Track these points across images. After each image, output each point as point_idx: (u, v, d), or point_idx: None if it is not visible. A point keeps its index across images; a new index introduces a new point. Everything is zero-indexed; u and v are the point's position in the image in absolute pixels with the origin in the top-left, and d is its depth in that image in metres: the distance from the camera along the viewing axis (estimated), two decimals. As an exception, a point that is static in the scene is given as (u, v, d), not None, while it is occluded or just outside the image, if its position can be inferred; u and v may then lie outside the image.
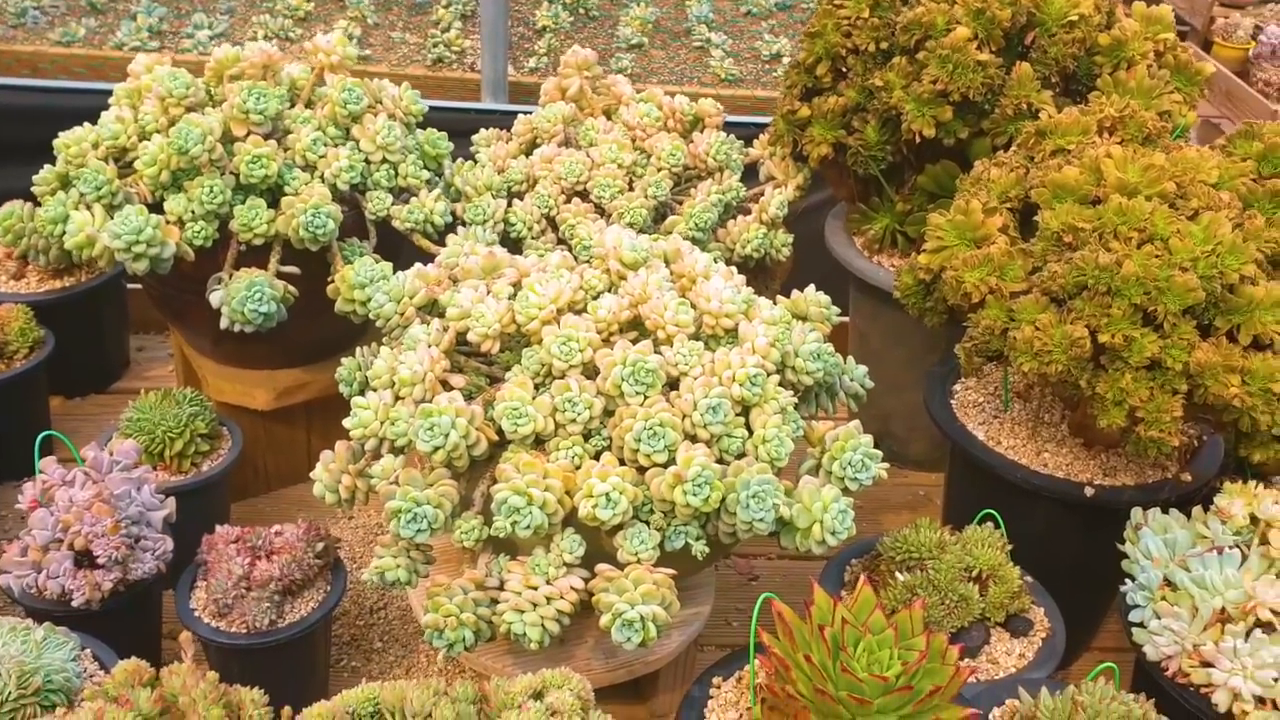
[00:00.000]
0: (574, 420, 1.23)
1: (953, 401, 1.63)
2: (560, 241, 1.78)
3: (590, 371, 1.27)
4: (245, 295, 1.55)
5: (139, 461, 1.46)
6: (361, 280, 1.56)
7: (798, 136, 1.87)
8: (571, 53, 1.95)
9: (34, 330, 1.81)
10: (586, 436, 1.25)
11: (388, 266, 1.60)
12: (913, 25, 1.71)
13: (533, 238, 1.78)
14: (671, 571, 1.20)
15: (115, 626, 1.36)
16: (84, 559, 1.33)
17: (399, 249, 1.77)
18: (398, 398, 1.31)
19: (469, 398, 1.30)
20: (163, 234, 1.53)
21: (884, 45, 1.78)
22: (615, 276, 1.37)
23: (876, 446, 1.32)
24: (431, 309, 1.45)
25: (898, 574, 1.39)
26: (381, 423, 1.29)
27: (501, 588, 1.24)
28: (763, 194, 1.90)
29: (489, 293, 1.36)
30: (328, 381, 1.82)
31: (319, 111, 1.68)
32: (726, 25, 4.31)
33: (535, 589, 1.19)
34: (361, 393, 1.55)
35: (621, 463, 1.22)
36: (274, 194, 1.64)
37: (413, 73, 3.58)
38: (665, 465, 1.21)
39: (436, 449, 1.22)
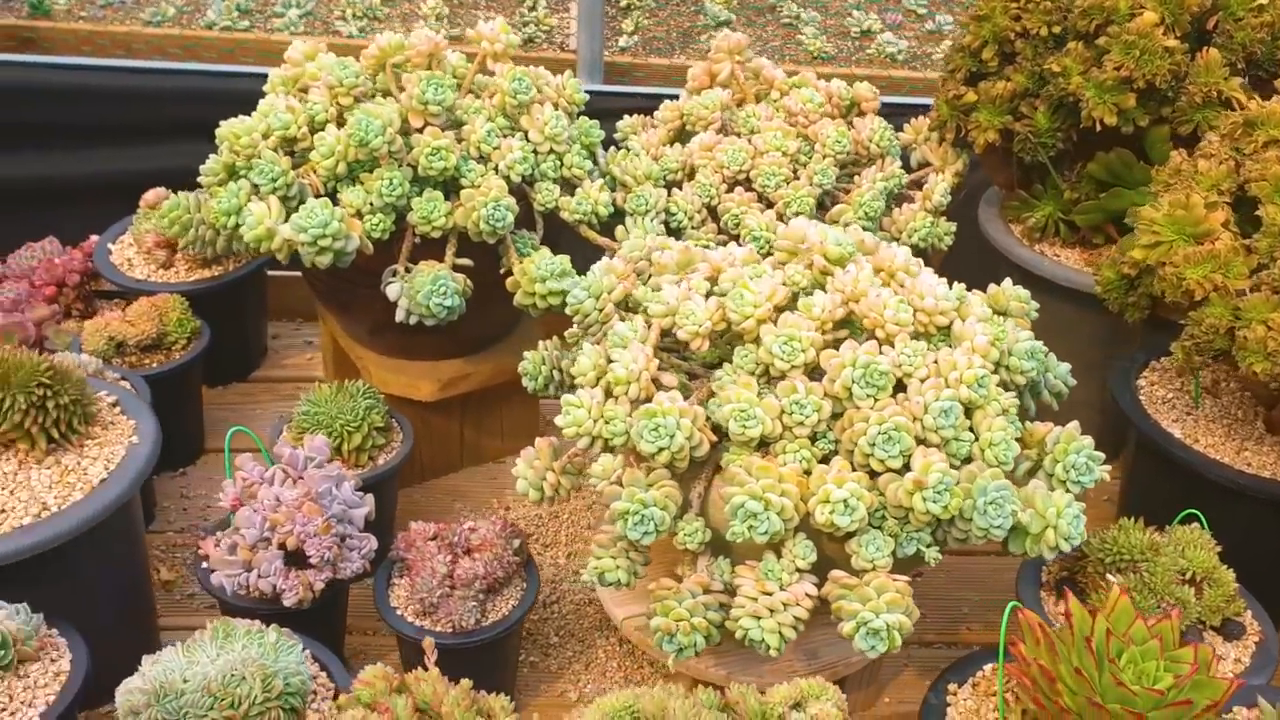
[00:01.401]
0: (801, 423, 1.20)
1: (1141, 398, 1.59)
2: (721, 231, 1.75)
3: (810, 371, 1.25)
4: (430, 289, 1.53)
5: (331, 457, 1.46)
6: (543, 273, 1.55)
7: (962, 122, 1.83)
8: (723, 37, 1.92)
9: (191, 321, 1.81)
10: (812, 439, 1.22)
11: (565, 259, 1.58)
12: (1093, 10, 1.66)
13: (693, 228, 1.75)
14: (907, 579, 1.18)
15: (309, 623, 1.36)
16: (291, 558, 1.33)
17: (556, 239, 1.74)
18: (608, 395, 1.29)
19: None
20: (346, 227, 1.51)
21: (1056, 29, 1.73)
22: (818, 272, 1.35)
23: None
24: (623, 304, 1.43)
25: (1109, 576, 1.36)
26: (595, 421, 1.27)
27: (726, 592, 1.22)
28: (921, 181, 1.86)
29: (689, 288, 1.33)
30: (489, 372, 1.82)
31: (488, 101, 1.66)
32: (812, 1, 4.24)
33: (770, 595, 1.17)
34: (546, 388, 1.54)
35: (852, 467, 1.20)
36: (447, 185, 1.62)
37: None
38: (899, 470, 1.18)
39: (661, 450, 1.20)
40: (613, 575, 1.26)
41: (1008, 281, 1.46)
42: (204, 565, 1.40)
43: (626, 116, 1.94)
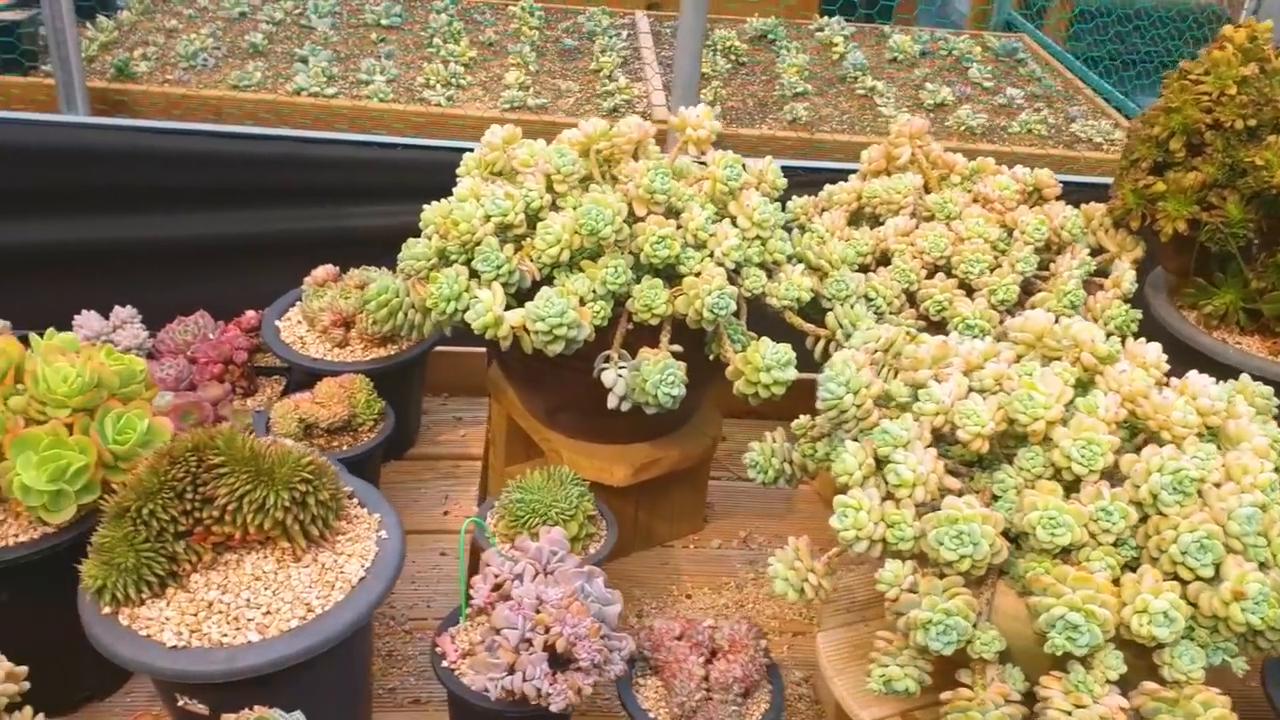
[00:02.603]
0: (1107, 530, 1.19)
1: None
2: (920, 317, 1.75)
3: (1104, 475, 1.23)
4: (659, 378, 1.51)
5: (570, 550, 1.42)
6: (769, 363, 1.53)
7: (1148, 210, 1.83)
8: (905, 121, 1.92)
9: (377, 401, 1.78)
10: (1114, 545, 1.20)
11: (788, 348, 1.56)
12: (1298, 105, 1.68)
13: (892, 313, 1.74)
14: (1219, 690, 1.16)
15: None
16: (555, 660, 1.29)
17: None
18: (888, 498, 1.26)
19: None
20: (579, 315, 1.50)
21: (1250, 123, 1.75)
22: (1082, 369, 1.33)
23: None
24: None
25: (1378, 681, 1.34)
26: (876, 524, 1.25)
27: (1022, 703, 1.19)
28: (1102, 268, 1.86)
29: (958, 385, 1.32)
30: (677, 457, 1.80)
31: (700, 188, 1.65)
32: (875, 71, 4.29)
33: (1084, 708, 1.14)
34: (776, 480, 1.52)
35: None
36: (663, 272, 1.60)
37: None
38: (1209, 579, 1.16)
39: (963, 558, 1.18)
40: (900, 683, 1.23)
41: (1245, 377, 1.45)
42: (444, 664, 1.37)
43: (796, 198, 1.94)
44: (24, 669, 1.12)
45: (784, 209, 1.90)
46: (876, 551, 1.26)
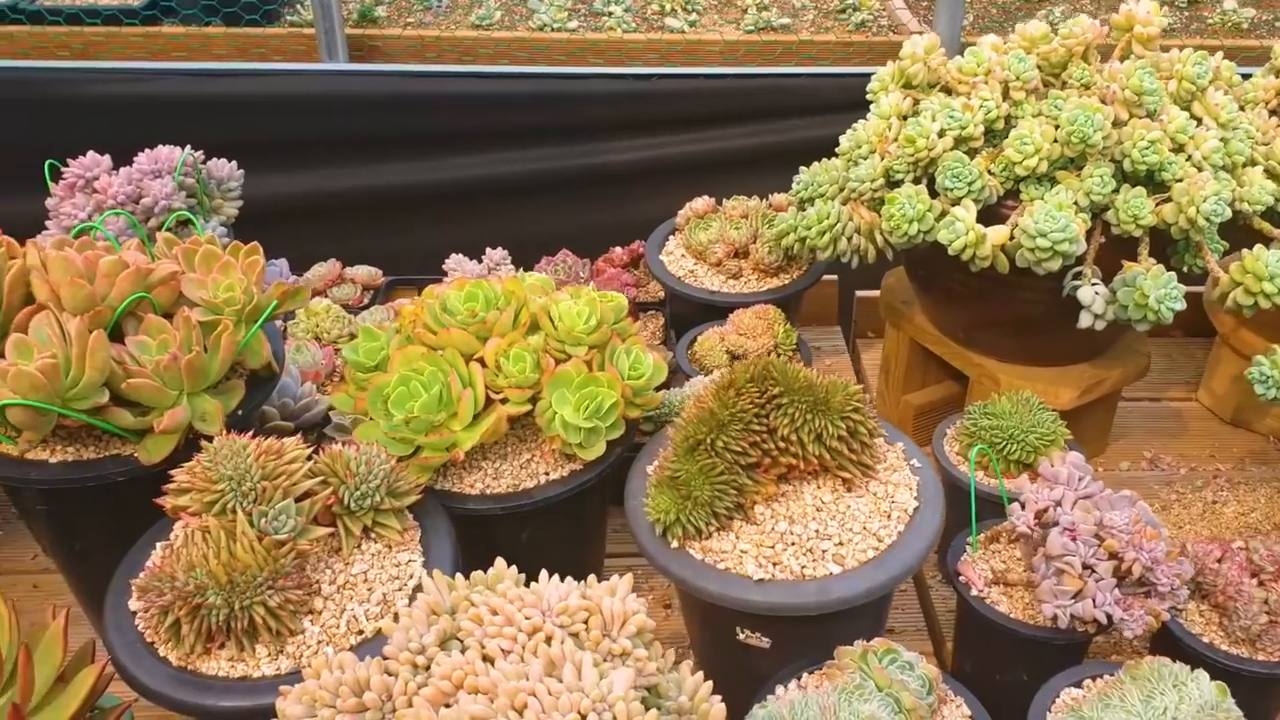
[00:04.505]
0: None
1: None
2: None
3: None
4: (1163, 292, 1.43)
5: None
6: (1274, 271, 1.44)
7: None
8: (1335, 8, 1.78)
9: (792, 331, 1.74)
10: None
11: (1288, 254, 1.47)
12: None
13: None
14: None
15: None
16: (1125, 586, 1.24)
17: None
18: None
19: None
20: (1078, 229, 1.42)
21: None
22: None
23: None
24: None
25: None
26: None
27: None
28: None
29: None
30: (1118, 377, 1.73)
31: (1166, 88, 1.55)
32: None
33: None
34: (1289, 394, 1.43)
35: None
36: (1141, 180, 1.51)
37: (845, 39, 3.43)
38: None
39: None
40: None
41: None
42: (973, 593, 1.33)
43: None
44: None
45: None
46: None
